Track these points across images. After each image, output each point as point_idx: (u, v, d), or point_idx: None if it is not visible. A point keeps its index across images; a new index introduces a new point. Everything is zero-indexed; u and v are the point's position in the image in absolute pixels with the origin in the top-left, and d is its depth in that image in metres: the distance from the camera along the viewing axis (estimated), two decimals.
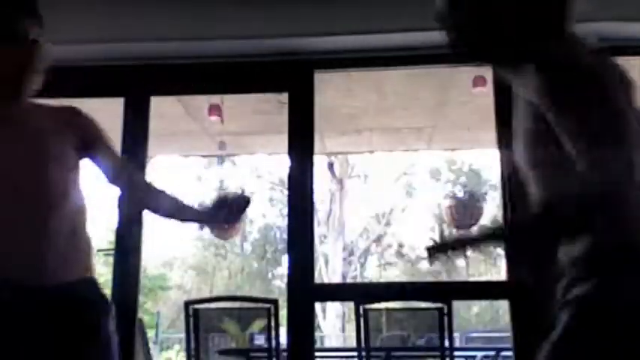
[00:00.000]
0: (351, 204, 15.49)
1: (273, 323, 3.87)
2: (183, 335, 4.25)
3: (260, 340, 4.51)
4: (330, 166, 14.44)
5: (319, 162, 12.67)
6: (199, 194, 14.01)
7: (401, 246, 16.88)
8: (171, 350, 12.07)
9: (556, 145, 1.21)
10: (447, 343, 3.90)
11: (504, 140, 3.26)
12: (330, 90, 4.08)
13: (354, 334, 4.02)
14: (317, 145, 3.36)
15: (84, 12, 3.30)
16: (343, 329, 14.12)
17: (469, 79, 3.80)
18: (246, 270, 17.68)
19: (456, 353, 4.98)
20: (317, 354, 4.55)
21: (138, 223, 3.32)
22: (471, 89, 3.84)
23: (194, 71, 3.49)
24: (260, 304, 4.48)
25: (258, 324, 4.40)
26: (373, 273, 16.34)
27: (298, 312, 3.15)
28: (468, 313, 16.22)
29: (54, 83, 3.66)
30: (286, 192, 3.43)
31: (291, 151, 3.30)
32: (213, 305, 4.73)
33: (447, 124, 4.83)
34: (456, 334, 6.04)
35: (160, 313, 12.37)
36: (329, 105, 4.31)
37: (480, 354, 5.20)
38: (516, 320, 3.09)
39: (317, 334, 12.74)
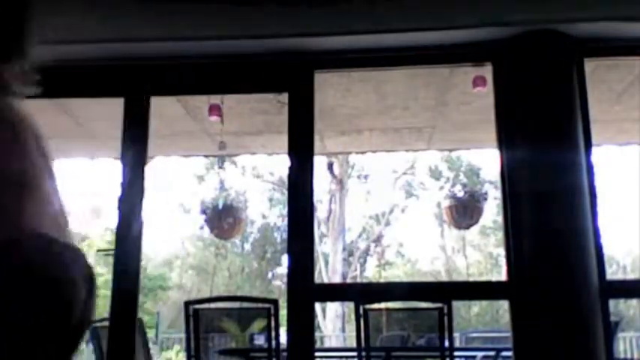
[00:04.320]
0: (351, 204, 15.50)
1: (273, 323, 3.87)
2: (183, 335, 4.25)
3: (260, 340, 4.51)
4: (330, 166, 14.44)
5: (319, 162, 12.66)
6: (200, 195, 14.01)
7: (401, 246, 16.88)
8: (171, 350, 12.07)
9: None
10: (447, 343, 3.90)
11: (504, 140, 3.27)
12: (330, 90, 4.08)
13: (354, 334, 4.02)
14: (317, 145, 3.36)
15: (84, 12, 3.30)
16: (343, 329, 14.11)
17: (469, 79, 3.80)
18: (246, 270, 17.68)
19: (456, 353, 4.98)
20: (317, 354, 4.54)
21: (138, 223, 3.32)
22: (471, 89, 3.84)
23: (194, 71, 3.49)
24: (260, 304, 4.48)
25: (258, 324, 4.40)
26: (373, 273, 16.34)
27: (298, 312, 3.15)
28: (468, 313, 16.21)
29: (54, 83, 3.66)
30: (286, 192, 3.43)
31: (291, 151, 3.30)
32: (213, 305, 4.72)
33: (447, 124, 4.83)
34: (456, 334, 6.03)
35: (160, 313, 12.36)
36: (329, 105, 4.31)
37: (480, 354, 5.20)
38: (516, 320, 3.09)
39: (317, 334, 12.73)
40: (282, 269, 16.55)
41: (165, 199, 15.01)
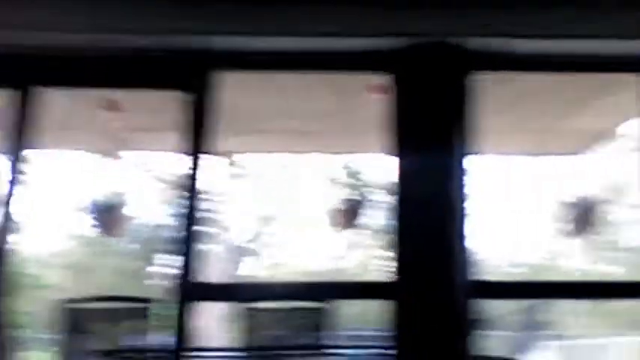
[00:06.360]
0: (240, 204, 15.43)
1: (147, 323, 3.80)
2: (56, 336, 4.07)
3: (134, 341, 4.40)
4: (224, 166, 14.32)
5: (214, 162, 12.50)
6: (88, 192, 13.37)
7: (288, 246, 17.05)
8: (43, 351, 11.44)
9: None
10: (328, 342, 3.99)
11: (394, 146, 3.40)
12: (231, 90, 4.04)
13: (237, 334, 4.02)
14: (212, 145, 3.35)
15: None
16: (226, 329, 14.01)
17: (364, 85, 3.89)
18: (128, 269, 17.09)
19: (338, 351, 5.10)
20: (197, 353, 4.48)
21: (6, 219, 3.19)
22: (365, 96, 3.93)
23: (91, 64, 3.36)
24: (135, 304, 4.39)
25: (134, 324, 4.30)
26: (259, 273, 16.37)
27: (180, 311, 3.14)
28: (350, 311, 16.62)
29: None
30: (178, 191, 3.40)
31: (187, 151, 3.28)
32: (87, 305, 4.57)
33: (340, 128, 4.92)
34: (338, 333, 6.17)
35: (33, 313, 11.66)
36: (228, 105, 4.26)
37: (363, 352, 5.35)
38: (397, 320, 3.23)
39: (198, 333, 12.53)
40: (167, 269, 16.17)
41: (50, 195, 14.19)
